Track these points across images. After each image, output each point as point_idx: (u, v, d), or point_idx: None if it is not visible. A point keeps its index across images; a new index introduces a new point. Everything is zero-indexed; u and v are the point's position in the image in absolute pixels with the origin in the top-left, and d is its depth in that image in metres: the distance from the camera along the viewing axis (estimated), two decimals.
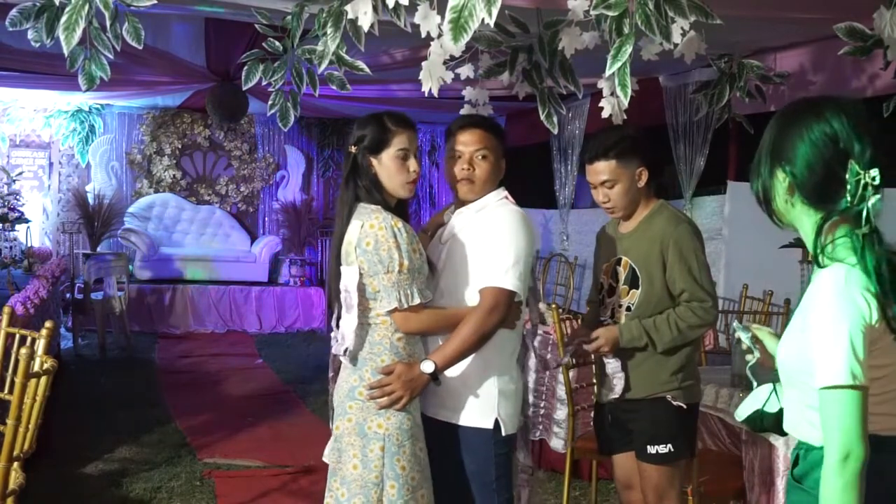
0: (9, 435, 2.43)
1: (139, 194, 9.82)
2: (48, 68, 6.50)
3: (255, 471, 4.41)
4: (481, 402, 2.36)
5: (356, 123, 2.36)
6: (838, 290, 1.48)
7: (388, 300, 2.22)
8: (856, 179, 1.47)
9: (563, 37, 3.03)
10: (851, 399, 1.45)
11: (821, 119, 1.53)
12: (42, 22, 3.04)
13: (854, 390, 1.45)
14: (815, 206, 1.55)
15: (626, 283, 2.72)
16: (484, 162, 2.42)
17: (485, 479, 2.37)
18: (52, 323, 2.80)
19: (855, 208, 1.48)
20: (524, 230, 2.37)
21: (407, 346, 2.28)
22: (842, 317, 1.46)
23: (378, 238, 2.20)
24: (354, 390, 2.26)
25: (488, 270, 2.32)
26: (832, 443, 1.46)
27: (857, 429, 1.45)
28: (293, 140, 10.33)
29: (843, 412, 1.45)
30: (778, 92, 5.02)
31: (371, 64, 3.46)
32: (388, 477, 2.19)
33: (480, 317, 2.27)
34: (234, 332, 8.91)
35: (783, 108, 1.65)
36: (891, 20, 2.78)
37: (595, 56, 2.85)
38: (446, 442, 2.38)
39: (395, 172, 2.30)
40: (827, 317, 1.48)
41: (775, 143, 1.59)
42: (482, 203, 2.44)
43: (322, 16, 3.08)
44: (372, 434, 2.22)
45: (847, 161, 1.48)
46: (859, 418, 1.45)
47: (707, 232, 6.18)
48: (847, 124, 1.51)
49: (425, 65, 2.99)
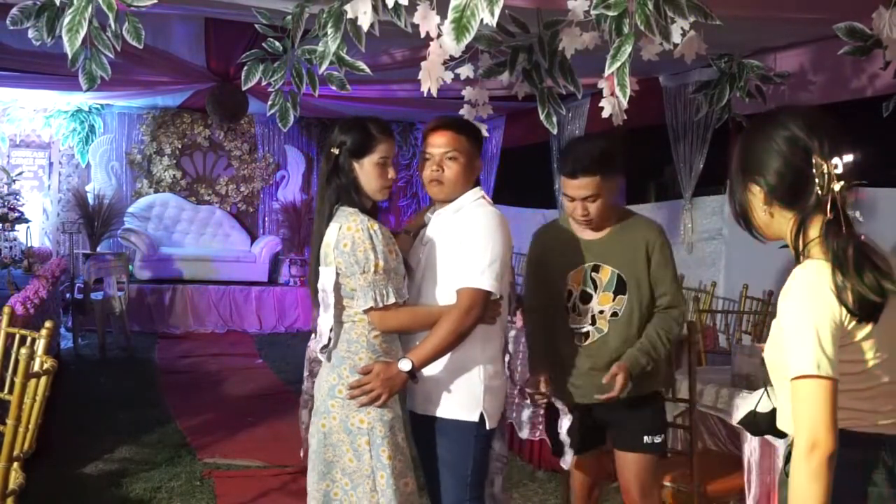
0: (9, 435, 2.43)
1: (139, 194, 9.82)
2: (48, 68, 6.50)
3: (255, 471, 4.41)
4: (467, 396, 2.42)
5: (339, 125, 2.42)
6: (807, 284, 1.56)
7: (364, 299, 2.30)
8: (821, 172, 1.57)
9: (563, 37, 3.03)
10: (818, 389, 1.49)
11: (779, 126, 1.64)
12: (42, 21, 3.04)
13: (821, 380, 1.49)
14: (791, 207, 1.63)
15: (609, 290, 2.71)
16: (453, 163, 2.46)
17: (461, 471, 2.43)
18: (52, 323, 2.81)
19: (825, 197, 1.56)
20: (500, 230, 2.41)
21: (384, 343, 2.36)
22: (808, 309, 1.53)
23: (355, 240, 2.28)
24: (334, 389, 2.35)
25: (465, 271, 2.37)
26: (800, 432, 1.50)
27: (823, 419, 1.49)
28: (293, 140, 10.33)
29: (810, 402, 1.50)
30: (778, 92, 5.02)
31: (371, 64, 3.46)
32: (377, 468, 2.30)
33: (457, 316, 2.33)
34: (234, 332, 8.91)
35: (745, 129, 1.78)
36: (890, 20, 2.79)
37: (595, 56, 2.84)
38: (432, 436, 2.45)
39: (375, 177, 2.38)
40: (794, 310, 1.55)
41: (744, 160, 1.71)
42: (459, 203, 2.49)
43: (322, 16, 3.08)
44: (356, 430, 2.32)
45: (811, 157, 1.58)
46: (826, 409, 1.49)
47: (707, 232, 6.19)
48: (803, 125, 1.61)
49: (424, 65, 3.00)
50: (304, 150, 10.43)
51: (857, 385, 1.58)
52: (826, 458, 1.48)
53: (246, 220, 10.28)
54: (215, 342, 8.42)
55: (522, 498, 4.08)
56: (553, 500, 4.04)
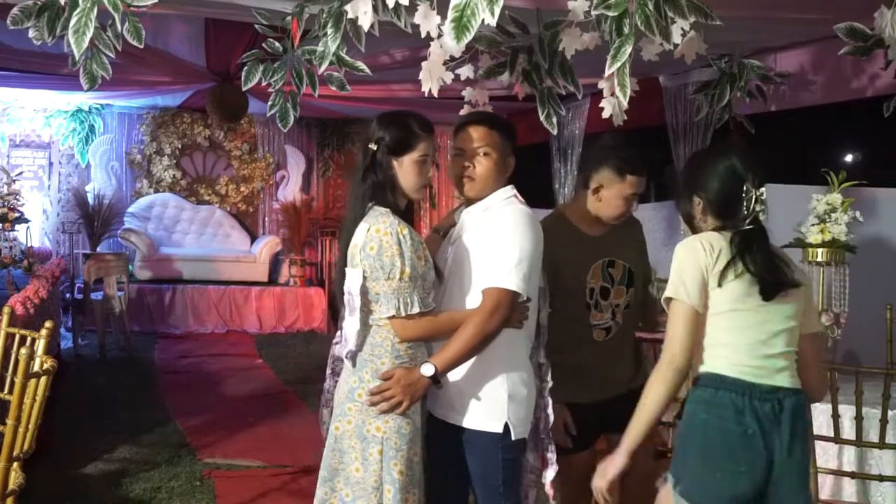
0: (9, 435, 2.43)
1: (139, 194, 9.82)
2: (48, 68, 6.50)
3: (255, 471, 4.41)
4: (490, 405, 2.32)
5: (378, 120, 2.32)
6: (685, 241, 2.16)
7: (388, 306, 2.21)
8: (749, 196, 2.12)
9: (563, 37, 3.03)
10: (677, 310, 2.08)
11: (724, 157, 2.19)
12: (43, 21, 3.04)
13: (678, 304, 2.08)
14: (721, 219, 2.17)
15: (622, 284, 2.77)
16: (485, 159, 2.40)
17: (491, 483, 2.34)
18: (52, 323, 2.80)
19: (749, 216, 2.11)
20: (530, 229, 2.32)
21: (409, 348, 2.28)
22: (679, 254, 2.13)
23: (382, 243, 2.19)
24: (354, 392, 2.27)
25: (491, 270, 2.28)
26: (665, 346, 2.11)
27: (680, 338, 2.07)
28: (293, 140, 10.33)
29: (673, 320, 2.09)
30: (778, 92, 5.02)
31: (371, 64, 3.46)
32: (386, 481, 2.21)
33: (482, 318, 2.24)
34: (234, 333, 8.91)
35: (697, 153, 2.59)
36: (891, 20, 2.78)
37: (595, 56, 2.84)
38: (454, 445, 2.35)
39: (414, 176, 2.29)
40: (674, 255, 2.15)
41: (693, 177, 2.23)
42: (488, 202, 2.42)
43: (322, 16, 3.08)
44: (371, 437, 2.23)
45: (743, 184, 2.12)
46: (684, 330, 2.06)
47: None
48: (742, 160, 2.16)
49: (425, 65, 3.00)
50: (304, 150, 10.42)
51: (718, 336, 2.10)
52: (676, 369, 2.06)
53: (246, 220, 10.27)
54: (215, 342, 8.42)
55: None
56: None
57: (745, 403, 2.03)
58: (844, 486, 3.16)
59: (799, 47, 4.95)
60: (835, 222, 3.59)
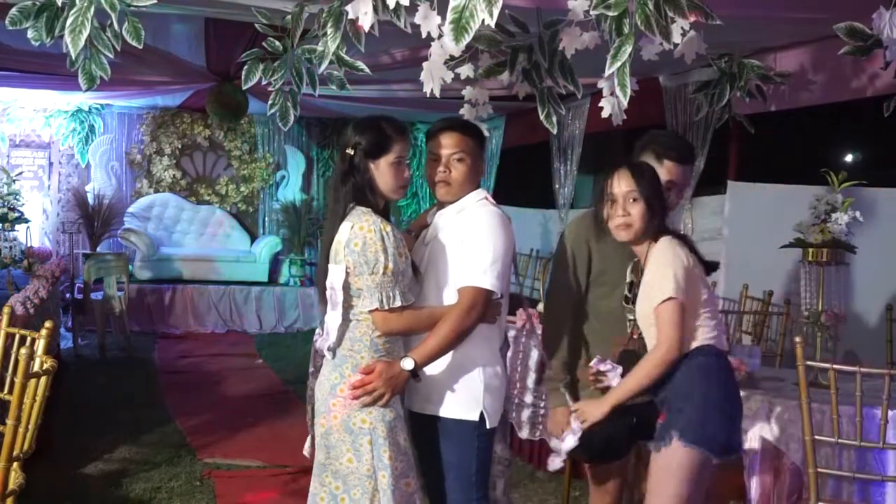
0: (9, 435, 2.43)
1: (139, 194, 9.82)
2: (48, 68, 6.50)
3: (255, 471, 4.41)
4: (467, 395, 2.43)
5: (353, 126, 2.41)
6: (665, 245, 2.50)
7: (370, 300, 2.30)
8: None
9: (563, 37, 3.03)
10: (676, 308, 2.40)
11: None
12: (42, 21, 3.04)
13: (677, 303, 2.39)
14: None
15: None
16: (460, 164, 2.49)
17: (466, 471, 2.43)
18: (52, 323, 2.80)
19: None
20: (503, 231, 2.44)
21: (386, 343, 2.37)
22: (668, 257, 2.46)
23: (366, 240, 2.28)
24: (336, 388, 2.35)
25: (467, 270, 2.39)
26: (662, 340, 2.42)
27: (680, 333, 2.40)
28: (293, 140, 10.33)
29: (674, 319, 2.39)
30: (778, 92, 5.02)
31: (371, 64, 3.46)
32: (379, 468, 2.29)
33: (459, 315, 2.35)
34: (234, 332, 8.92)
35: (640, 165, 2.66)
36: (891, 20, 2.78)
37: (595, 56, 2.84)
38: (433, 436, 2.44)
39: (390, 177, 2.38)
40: (662, 259, 2.46)
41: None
42: (462, 204, 2.51)
43: (322, 16, 3.08)
44: (358, 429, 2.31)
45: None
46: (676, 323, 2.39)
47: (707, 232, 6.18)
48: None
49: (426, 65, 2.99)
50: (304, 150, 10.42)
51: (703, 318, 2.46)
52: (672, 360, 2.40)
53: (246, 220, 10.27)
54: (215, 342, 8.42)
55: (523, 498, 4.08)
56: (553, 501, 4.05)
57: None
58: (844, 486, 3.15)
59: (799, 47, 4.95)
60: (835, 222, 3.59)
